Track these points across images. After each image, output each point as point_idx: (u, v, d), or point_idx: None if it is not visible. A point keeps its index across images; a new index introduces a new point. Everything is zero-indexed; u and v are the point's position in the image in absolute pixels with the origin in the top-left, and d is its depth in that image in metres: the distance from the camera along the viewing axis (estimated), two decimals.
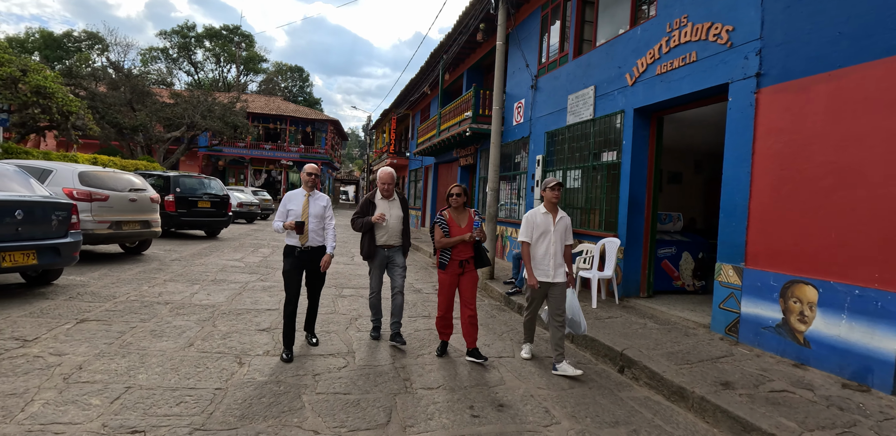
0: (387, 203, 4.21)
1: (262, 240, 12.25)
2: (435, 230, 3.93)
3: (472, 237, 3.85)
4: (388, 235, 4.18)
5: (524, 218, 3.88)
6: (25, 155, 11.09)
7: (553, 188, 3.82)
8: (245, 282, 6.55)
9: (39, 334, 3.72)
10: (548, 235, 3.81)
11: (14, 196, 4.68)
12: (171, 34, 44.23)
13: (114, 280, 5.98)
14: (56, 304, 4.67)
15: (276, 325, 4.55)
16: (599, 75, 6.80)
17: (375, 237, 4.17)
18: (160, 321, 4.37)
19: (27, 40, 39.22)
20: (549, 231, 3.81)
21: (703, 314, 5.34)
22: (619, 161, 6.24)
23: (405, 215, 4.28)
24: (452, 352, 4.17)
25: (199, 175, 11.98)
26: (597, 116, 6.82)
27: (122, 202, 7.43)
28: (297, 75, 51.67)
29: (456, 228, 3.91)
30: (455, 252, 3.89)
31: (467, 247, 3.92)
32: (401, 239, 4.26)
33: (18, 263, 4.57)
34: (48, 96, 10.72)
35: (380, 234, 4.17)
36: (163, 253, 8.71)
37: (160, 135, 22.20)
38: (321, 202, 3.97)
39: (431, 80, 15.12)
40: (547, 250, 3.81)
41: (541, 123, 8.61)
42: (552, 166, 8.19)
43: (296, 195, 3.90)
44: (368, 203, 4.21)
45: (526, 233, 3.86)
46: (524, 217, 3.89)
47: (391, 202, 4.24)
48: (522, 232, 3.88)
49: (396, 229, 4.22)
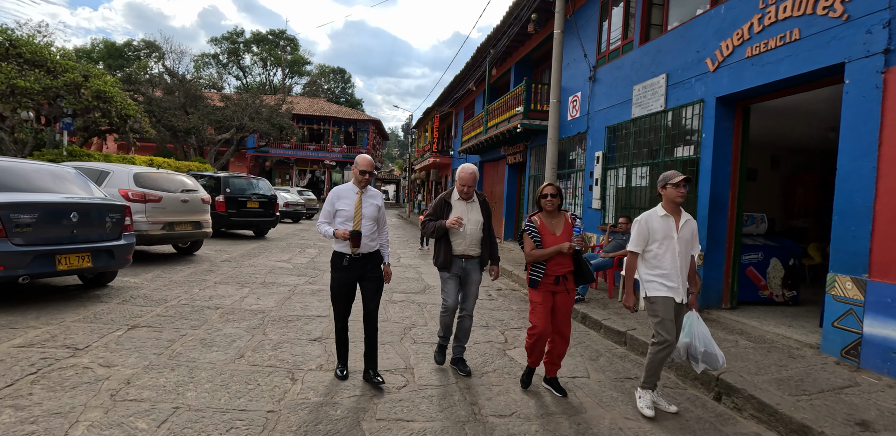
0: (465, 205, 3.60)
1: (308, 240, 12.23)
2: (524, 240, 3.28)
3: (572, 247, 3.14)
4: (467, 244, 3.55)
5: (636, 223, 3.14)
6: (87, 157, 11.53)
7: (678, 185, 3.04)
8: (294, 285, 6.37)
9: (90, 342, 3.58)
10: (671, 242, 3.05)
11: (69, 198, 4.63)
12: (222, 40, 45.99)
13: (166, 282, 5.93)
14: (109, 308, 4.59)
15: (327, 334, 4.28)
16: (672, 62, 6.16)
17: (452, 245, 3.56)
18: (210, 328, 4.18)
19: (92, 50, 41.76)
20: (671, 238, 3.05)
21: (805, 331, 4.66)
22: (698, 157, 5.60)
23: (486, 221, 3.64)
24: (515, 367, 3.75)
25: (248, 175, 12.09)
26: (669, 108, 6.18)
27: (175, 203, 7.45)
28: (340, 77, 52.53)
29: (550, 236, 3.21)
30: (550, 266, 3.19)
31: (565, 259, 3.21)
32: (479, 248, 3.61)
33: (73, 266, 4.52)
34: (108, 100, 11.07)
35: (457, 241, 3.55)
36: (213, 253, 8.74)
37: (211, 137, 22.91)
38: (376, 201, 3.33)
39: (477, 77, 14.68)
40: (674, 262, 3.03)
41: (600, 118, 8.01)
42: (613, 163, 7.59)
43: (346, 192, 3.26)
44: (444, 204, 3.59)
45: (638, 241, 3.11)
46: (636, 222, 3.14)
47: (470, 205, 3.61)
48: (633, 240, 3.15)
49: (476, 237, 3.58)
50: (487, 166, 16.08)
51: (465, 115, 19.32)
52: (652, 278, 3.10)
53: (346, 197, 3.25)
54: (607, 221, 7.58)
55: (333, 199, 3.26)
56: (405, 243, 13.01)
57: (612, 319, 5.19)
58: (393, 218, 27.54)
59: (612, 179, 7.59)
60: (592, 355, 4.32)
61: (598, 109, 8.12)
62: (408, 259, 9.76)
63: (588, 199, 8.30)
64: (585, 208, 8.43)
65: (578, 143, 8.98)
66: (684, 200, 3.11)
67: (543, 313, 3.23)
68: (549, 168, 7.00)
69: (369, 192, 3.34)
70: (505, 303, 6.18)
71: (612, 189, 7.58)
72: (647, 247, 3.11)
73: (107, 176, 7.10)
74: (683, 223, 3.10)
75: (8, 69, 9.75)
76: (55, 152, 11.14)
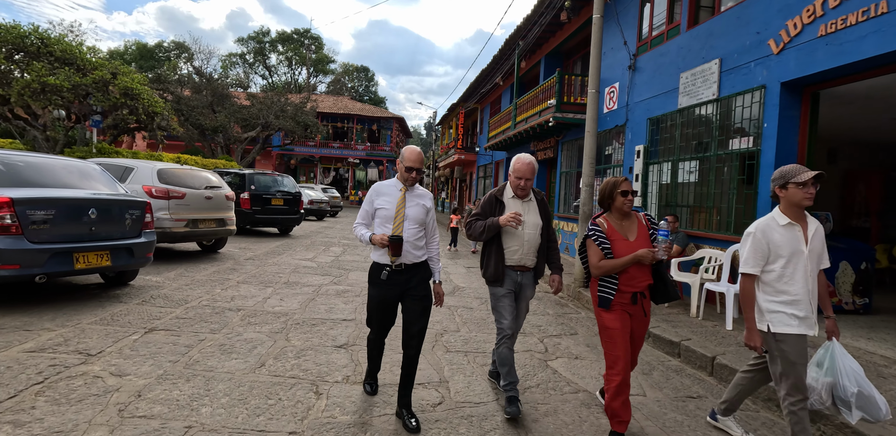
0: (520, 205, 2.98)
1: (332, 238, 12.05)
2: (589, 248, 2.61)
3: (654, 255, 2.49)
4: (524, 252, 2.92)
5: (748, 236, 2.38)
6: (116, 155, 11.60)
7: (804, 185, 2.27)
8: (318, 285, 6.11)
9: (104, 347, 3.35)
10: (800, 259, 2.30)
11: (87, 194, 4.45)
12: (248, 40, 46.61)
13: (188, 281, 5.74)
14: (128, 309, 4.39)
15: (353, 340, 3.97)
16: (727, 46, 5.62)
17: (504, 253, 2.94)
18: (230, 333, 3.92)
19: (126, 52, 42.89)
20: (800, 252, 2.30)
21: (890, 345, 4.11)
22: (758, 149, 5.07)
23: (546, 225, 3.01)
24: (560, 382, 3.36)
25: (273, 172, 11.97)
26: (722, 96, 5.65)
27: (199, 200, 7.29)
28: (363, 75, 52.66)
29: (622, 242, 2.56)
30: (624, 280, 2.55)
31: (643, 271, 2.57)
32: (536, 258, 2.99)
33: (92, 265, 4.33)
34: (135, 97, 11.08)
35: (511, 247, 2.92)
36: (238, 251, 8.59)
37: (238, 135, 23.10)
38: (423, 201, 2.74)
39: (505, 70, 14.22)
40: (805, 284, 2.31)
41: (641, 109, 7.49)
42: (656, 158, 7.07)
43: (388, 189, 2.73)
44: (494, 202, 2.99)
45: (755, 260, 2.35)
46: (748, 234, 2.39)
47: (526, 204, 2.99)
48: (748, 259, 2.37)
49: (534, 243, 2.95)
50: None
51: (490, 110, 18.88)
52: (777, 308, 2.33)
53: (386, 194, 2.70)
54: None
55: (372, 196, 2.73)
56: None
57: (662, 327, 4.74)
58: None
59: (654, 174, 7.08)
60: (644, 367, 3.89)
61: (638, 100, 7.60)
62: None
63: None
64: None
65: (615, 136, 8.47)
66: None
67: (624, 343, 2.51)
68: (587, 163, 6.55)
69: (416, 190, 2.76)
70: (539, 307, 5.78)
71: (655, 186, 7.06)
72: (768, 266, 2.35)
73: (131, 172, 6.98)
74: (813, 232, 2.36)
75: (39, 67, 9.82)
76: (85, 150, 11.24)
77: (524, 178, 2.92)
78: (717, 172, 5.72)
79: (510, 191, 3.02)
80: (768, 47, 5.01)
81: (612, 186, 2.63)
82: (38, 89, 9.73)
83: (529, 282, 3.04)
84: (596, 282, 2.64)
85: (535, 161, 2.98)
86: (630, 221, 2.66)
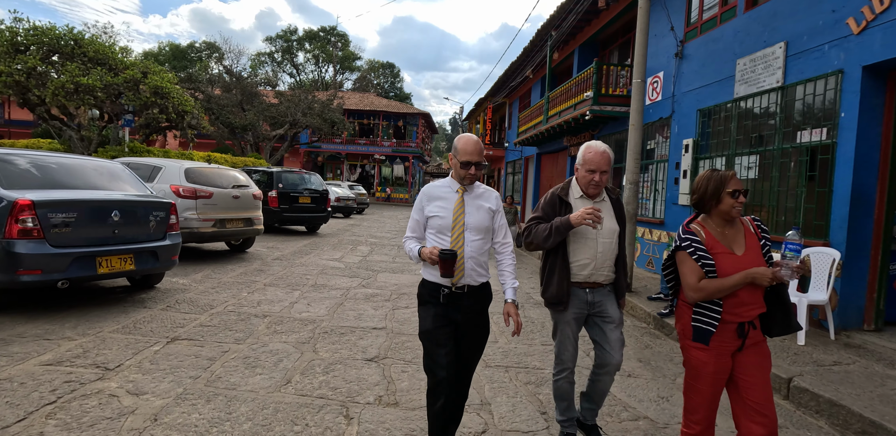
0: (590, 205, 2.34)
1: (359, 236, 11.87)
2: (683, 263, 1.96)
3: (775, 278, 1.85)
4: (596, 264, 2.35)
5: None
6: (147, 153, 11.70)
7: None
8: (346, 288, 5.87)
9: (123, 360, 3.16)
10: None
11: (110, 195, 4.29)
12: (276, 39, 47.16)
13: (214, 284, 5.58)
14: (151, 315, 4.22)
15: (384, 352, 3.69)
16: (794, 27, 5.05)
17: (570, 266, 2.37)
18: (255, 343, 3.69)
19: (160, 53, 44.02)
20: None
21: None
22: (833, 141, 4.52)
23: (622, 231, 2.45)
24: (617, 406, 2.97)
25: (301, 170, 11.86)
26: (788, 83, 5.09)
27: (226, 199, 7.16)
28: (389, 71, 52.60)
29: (728, 257, 1.91)
30: (730, 307, 1.90)
31: (755, 296, 1.92)
32: (613, 272, 2.42)
33: (115, 269, 4.18)
34: (165, 96, 11.11)
35: (580, 260, 2.35)
36: (265, 251, 8.47)
37: (266, 133, 23.28)
38: (487, 203, 2.20)
39: (537, 62, 13.69)
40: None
41: (689, 100, 6.94)
42: (706, 152, 6.53)
43: (441, 191, 2.20)
44: (558, 202, 2.41)
45: None
46: None
47: (599, 205, 2.40)
48: None
49: (609, 254, 2.37)
50: (546, 159, 15.09)
51: (519, 105, 18.36)
52: None
53: (440, 197, 2.18)
54: None
55: (423, 201, 2.21)
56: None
57: None
58: None
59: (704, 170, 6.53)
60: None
61: (686, 91, 7.04)
62: None
63: (673, 194, 7.26)
64: (669, 205, 7.40)
65: (659, 130, 7.92)
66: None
67: (714, 391, 1.93)
68: (632, 159, 6.07)
69: (476, 190, 2.21)
70: None
71: None
72: None
73: (159, 172, 6.90)
74: None
75: (72, 67, 9.92)
76: (118, 149, 11.36)
77: (599, 170, 2.30)
78: (781, 167, 5.17)
79: (577, 189, 2.42)
80: (846, 27, 4.44)
81: (718, 183, 1.92)
82: (71, 90, 9.83)
83: (608, 299, 2.42)
84: (687, 308, 2.00)
85: (610, 149, 2.37)
86: (735, 230, 1.99)
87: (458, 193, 2.18)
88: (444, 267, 2.00)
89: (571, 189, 2.45)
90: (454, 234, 2.11)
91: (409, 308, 5.10)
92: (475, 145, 2.12)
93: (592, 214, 2.18)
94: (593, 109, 8.87)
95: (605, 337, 2.39)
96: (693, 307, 1.97)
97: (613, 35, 10.84)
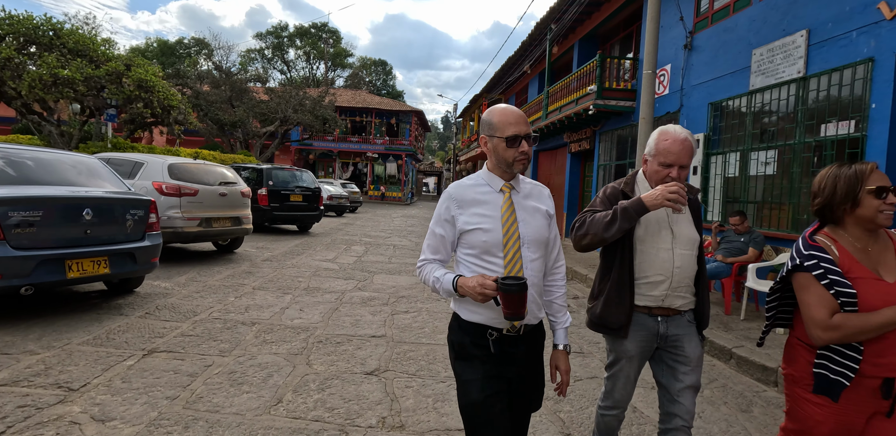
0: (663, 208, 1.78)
1: (353, 236, 11.49)
2: (806, 288, 1.44)
3: None
4: (672, 283, 1.79)
5: None
6: (131, 149, 11.22)
7: None
8: (341, 291, 5.51)
9: (90, 378, 2.79)
10: None
11: (81, 192, 3.90)
12: (266, 35, 46.41)
13: (199, 288, 5.20)
14: (128, 323, 3.83)
15: (384, 364, 3.35)
16: (817, 14, 4.78)
17: (637, 284, 1.81)
18: (242, 355, 3.33)
19: (147, 49, 43.12)
20: None
21: None
22: (863, 135, 4.25)
23: (702, 241, 1.94)
24: None
25: (292, 167, 11.46)
26: (811, 73, 4.82)
27: (213, 197, 6.76)
28: (381, 69, 52.08)
29: (873, 285, 1.39)
30: (872, 353, 1.38)
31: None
32: (692, 296, 1.86)
33: (87, 273, 3.79)
34: (149, 90, 10.65)
35: (651, 277, 1.79)
36: (255, 251, 8.07)
37: (256, 130, 22.77)
38: (540, 203, 1.59)
39: (536, 56, 13.38)
40: None
41: (699, 93, 6.66)
42: (718, 148, 6.26)
43: (477, 192, 1.54)
44: (623, 199, 1.84)
45: None
46: None
47: None
48: None
49: (688, 269, 1.81)
50: (544, 156, 14.81)
51: (516, 101, 18.06)
52: None
53: (479, 202, 1.52)
54: (711, 219, 6.28)
55: (451, 209, 1.53)
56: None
57: (746, 347, 4.00)
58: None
59: (716, 166, 6.26)
60: (740, 402, 3.17)
61: (695, 84, 6.76)
62: None
63: None
64: None
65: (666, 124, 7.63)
66: None
67: None
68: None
69: (523, 186, 1.58)
70: None
71: (717, 179, 6.25)
72: None
73: (141, 168, 6.49)
74: None
75: (50, 59, 9.43)
76: (100, 145, 10.88)
77: (677, 164, 1.72)
78: (804, 163, 4.90)
79: (646, 186, 1.85)
80: (877, 12, 4.17)
81: (852, 180, 1.41)
82: (49, 82, 9.35)
83: (686, 332, 1.82)
84: (804, 349, 1.50)
85: (692, 136, 1.81)
86: (881, 246, 1.45)
87: (504, 192, 1.52)
88: (511, 305, 1.34)
89: (638, 186, 1.88)
90: (509, 253, 1.45)
91: (408, 313, 4.77)
92: (518, 113, 1.48)
93: (677, 191, 1.58)
94: (597, 103, 8.57)
95: (675, 382, 1.82)
96: (817, 351, 1.45)
97: (614, 28, 10.56)
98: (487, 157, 1.57)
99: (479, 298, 1.36)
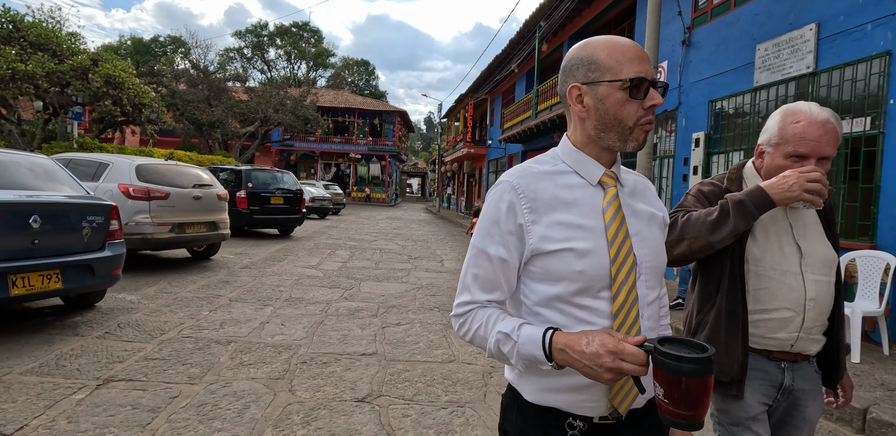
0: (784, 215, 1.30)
1: (337, 239, 11.04)
2: None
3: None
4: (806, 321, 1.26)
5: None
6: (100, 150, 10.58)
7: None
8: (326, 302, 5.11)
9: (28, 419, 2.34)
10: None
11: (25, 197, 3.42)
12: (246, 34, 45.38)
13: (169, 300, 4.74)
14: (83, 346, 3.38)
15: (378, 388, 2.97)
16: (827, 6, 4.57)
17: (752, 319, 1.28)
18: (215, 382, 2.92)
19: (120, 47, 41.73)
20: None
21: None
22: (881, 132, 4.04)
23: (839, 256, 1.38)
24: None
25: (272, 169, 10.96)
26: (821, 68, 4.60)
27: (186, 200, 6.28)
28: (363, 69, 51.50)
29: None
30: None
31: None
32: (827, 336, 1.33)
33: (36, 289, 3.32)
34: (118, 86, 10.04)
35: (775, 310, 1.27)
36: (232, 257, 7.59)
37: (236, 130, 22.06)
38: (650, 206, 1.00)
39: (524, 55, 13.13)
40: None
41: (699, 90, 6.44)
42: (719, 147, 6.04)
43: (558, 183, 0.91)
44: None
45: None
46: None
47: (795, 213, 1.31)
48: None
49: (825, 300, 1.28)
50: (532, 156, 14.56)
51: (503, 100, 17.81)
52: None
53: (565, 203, 0.90)
54: None
55: (517, 209, 0.89)
56: (442, 241, 11.69)
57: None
58: (420, 213, 26.23)
59: (718, 166, 6.04)
60: None
61: (694, 81, 6.55)
62: (452, 262, 8.42)
63: (681, 192, 6.76)
64: (674, 201, 6.90)
65: (663, 124, 7.42)
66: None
67: None
68: (644, 153, 5.52)
69: (627, 178, 0.99)
70: None
71: None
72: None
73: (106, 169, 5.97)
74: None
75: (8, 52, 8.78)
76: (65, 145, 10.22)
77: (815, 156, 1.21)
78: None
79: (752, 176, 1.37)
80: (894, 4, 3.96)
81: None
82: (7, 77, 8.70)
83: (812, 386, 1.34)
84: None
85: (837, 117, 1.25)
86: None
87: (606, 186, 0.93)
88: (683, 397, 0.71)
89: (746, 185, 1.34)
90: (620, 292, 0.88)
91: (400, 325, 4.40)
92: (637, 46, 0.90)
93: (819, 180, 1.14)
94: None
95: None
96: None
97: (605, 26, 10.36)
98: (575, 124, 0.95)
99: (606, 376, 0.76)
